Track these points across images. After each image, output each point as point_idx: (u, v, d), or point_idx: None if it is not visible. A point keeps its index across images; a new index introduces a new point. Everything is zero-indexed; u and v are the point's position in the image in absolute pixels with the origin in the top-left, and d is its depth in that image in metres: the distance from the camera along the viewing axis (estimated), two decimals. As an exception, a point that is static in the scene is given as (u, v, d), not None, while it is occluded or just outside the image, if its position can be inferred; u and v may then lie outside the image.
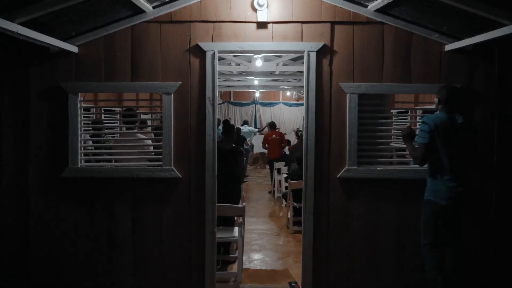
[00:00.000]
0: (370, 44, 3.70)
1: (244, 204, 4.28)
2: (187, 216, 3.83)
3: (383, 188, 3.76)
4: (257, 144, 13.16)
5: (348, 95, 3.70)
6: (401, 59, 3.71)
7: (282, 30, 3.73)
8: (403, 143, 3.51)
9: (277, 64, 7.51)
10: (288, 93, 15.91)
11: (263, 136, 13.39)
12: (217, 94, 3.82)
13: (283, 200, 7.90)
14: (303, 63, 3.78)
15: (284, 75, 9.57)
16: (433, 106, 3.51)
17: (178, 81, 3.77)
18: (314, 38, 3.71)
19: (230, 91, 16.18)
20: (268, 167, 13.85)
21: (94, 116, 5.02)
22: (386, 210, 3.77)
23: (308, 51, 3.70)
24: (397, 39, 3.70)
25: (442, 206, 3.29)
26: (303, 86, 3.81)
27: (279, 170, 9.07)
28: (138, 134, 4.48)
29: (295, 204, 6.18)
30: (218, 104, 16.21)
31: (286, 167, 8.51)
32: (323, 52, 3.71)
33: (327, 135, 3.75)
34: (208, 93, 3.75)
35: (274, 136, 10.01)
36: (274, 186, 9.24)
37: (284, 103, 16.55)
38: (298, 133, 8.38)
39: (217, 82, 3.80)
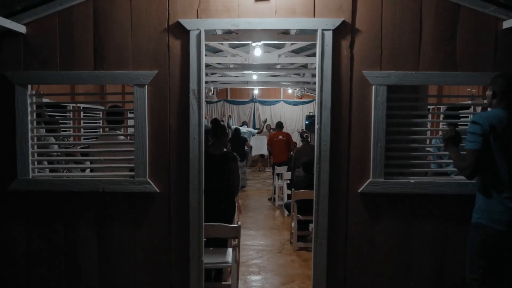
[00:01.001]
0: (403, 20, 2.86)
1: (239, 223, 3.43)
2: (166, 240, 3.01)
3: (417, 206, 2.93)
4: (255, 145, 12.28)
5: (374, 87, 2.86)
6: (444, 40, 2.87)
7: (288, 2, 2.89)
8: (445, 149, 2.68)
9: (279, 56, 6.69)
10: (290, 91, 15.09)
11: (263, 136, 12.63)
12: (204, 86, 2.98)
13: (285, 210, 7.07)
14: (307, 55, 2.97)
15: (287, 69, 8.76)
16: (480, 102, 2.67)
17: (154, 69, 2.94)
18: (331, 13, 2.87)
19: (226, 88, 15.34)
20: (266, 169, 13.13)
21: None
22: (421, 235, 2.94)
23: (323, 30, 2.86)
24: (440, 13, 2.85)
25: (498, 232, 2.49)
26: (306, 82, 2.99)
27: (280, 175, 8.23)
28: (121, 137, 3.58)
29: (300, 216, 5.34)
30: (214, 102, 15.42)
31: (289, 173, 7.66)
32: (342, 31, 2.87)
33: (345, 139, 2.91)
34: (193, 84, 2.92)
35: (280, 137, 9.05)
36: (275, 193, 8.39)
37: (286, 102, 15.70)
38: (303, 135, 7.46)
39: (204, 71, 2.97)
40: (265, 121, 13.45)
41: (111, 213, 3.04)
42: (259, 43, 5.29)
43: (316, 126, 2.92)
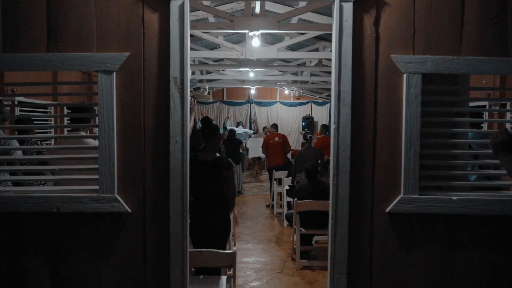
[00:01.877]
0: (444, -11, 2.24)
1: (234, 248, 2.77)
2: (140, 275, 2.35)
3: (461, 230, 2.29)
4: (251, 147, 11.60)
5: (405, 75, 2.23)
6: (491, 17, 2.24)
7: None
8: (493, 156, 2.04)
9: (279, 49, 6.04)
10: (287, 91, 14.45)
11: (260, 138, 11.94)
12: (189, 73, 2.33)
13: (285, 220, 6.41)
14: (310, 50, 2.31)
15: (286, 66, 8.14)
16: None
17: (125, 51, 2.30)
18: (351, -21, 2.24)
19: (223, 89, 14.68)
20: (263, 172, 12.41)
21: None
22: (466, 267, 2.29)
23: (340, 1, 2.22)
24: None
25: None
26: (304, 82, 2.35)
27: (279, 181, 7.58)
28: (89, 140, 2.92)
29: (303, 230, 4.70)
30: (210, 103, 14.72)
31: (289, 179, 7.01)
32: (365, 4, 2.24)
33: (369, 144, 2.27)
34: (175, 71, 2.27)
35: (276, 138, 8.37)
36: (273, 200, 7.74)
37: (282, 103, 15.04)
38: (306, 136, 6.76)
39: (189, 54, 2.32)
40: (264, 128, 12.67)
41: (68, 240, 2.37)
42: (257, 32, 4.64)
43: (332, 127, 2.27)
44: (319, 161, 5.61)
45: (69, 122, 3.07)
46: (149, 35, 2.30)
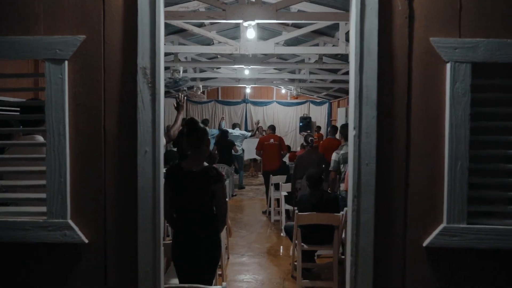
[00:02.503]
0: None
1: (224, 284, 2.21)
2: (99, 324, 1.79)
3: (518, 267, 1.75)
4: (248, 148, 11.02)
5: (449, 65, 1.68)
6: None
7: None
8: None
9: (276, 44, 5.50)
10: (284, 91, 13.93)
11: (256, 139, 11.37)
12: (162, 63, 1.78)
13: (284, 231, 5.85)
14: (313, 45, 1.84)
15: (283, 63, 7.60)
16: None
17: (80, 33, 1.74)
18: None
19: (218, 88, 14.12)
20: (259, 174, 11.82)
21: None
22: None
23: (365, -34, 1.68)
24: None
25: None
26: (302, 80, 1.87)
27: (277, 186, 7.02)
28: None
29: (305, 246, 4.15)
30: (204, 102, 14.13)
31: (288, 185, 6.45)
32: (397, -30, 1.70)
33: (400, 157, 1.72)
34: (143, 59, 1.72)
35: (272, 140, 7.77)
36: (270, 206, 7.18)
37: (279, 102, 14.51)
38: (308, 139, 6.13)
39: (162, 37, 1.77)
40: (258, 122, 12.20)
41: (6, 279, 1.82)
42: (252, 23, 4.09)
43: (352, 133, 1.71)
44: (323, 166, 5.05)
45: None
46: (111, 12, 1.75)
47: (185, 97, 3.26)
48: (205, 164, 2.57)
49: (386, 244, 1.72)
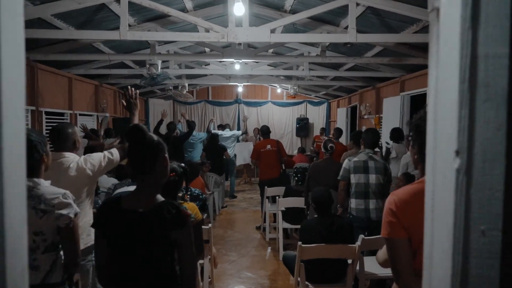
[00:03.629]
0: None
1: None
2: None
3: None
4: (240, 152, 10.06)
5: None
6: None
7: None
8: None
9: (272, 31, 4.55)
10: (279, 90, 12.99)
11: (249, 143, 10.38)
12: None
13: (282, 261, 4.87)
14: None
15: (280, 56, 6.66)
16: None
17: None
18: None
19: (208, 88, 13.14)
20: (253, 180, 10.71)
21: None
22: None
23: None
24: None
25: None
26: (300, 78, 1.22)
27: (273, 199, 6.08)
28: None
29: (310, 286, 3.21)
30: (193, 103, 13.08)
31: (286, 200, 5.50)
32: None
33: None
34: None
35: (269, 146, 6.67)
36: (265, 221, 6.22)
37: (274, 103, 13.55)
38: (327, 146, 4.94)
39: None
40: (245, 119, 10.44)
41: None
42: (242, -4, 3.14)
43: (451, 164, 0.76)
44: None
45: None
46: None
47: (137, 92, 2.30)
48: (160, 198, 1.60)
49: None
